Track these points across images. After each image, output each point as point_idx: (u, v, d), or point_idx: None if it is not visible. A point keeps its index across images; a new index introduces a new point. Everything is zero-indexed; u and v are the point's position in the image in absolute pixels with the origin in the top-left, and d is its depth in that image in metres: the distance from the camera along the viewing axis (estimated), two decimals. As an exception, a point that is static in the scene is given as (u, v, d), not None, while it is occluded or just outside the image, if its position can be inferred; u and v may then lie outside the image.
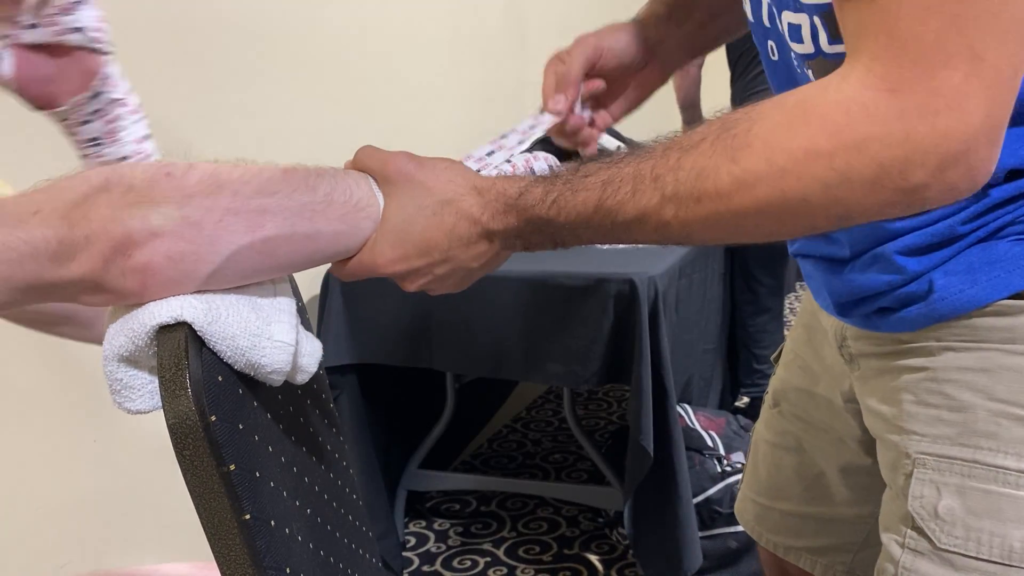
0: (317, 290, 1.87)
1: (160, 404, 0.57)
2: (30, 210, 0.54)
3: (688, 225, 0.62)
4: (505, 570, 2.03)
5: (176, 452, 0.56)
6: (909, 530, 0.73)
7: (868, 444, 0.92)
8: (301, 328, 0.66)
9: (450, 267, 0.69)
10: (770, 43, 0.78)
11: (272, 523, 0.59)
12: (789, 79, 0.75)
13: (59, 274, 0.55)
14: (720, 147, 0.60)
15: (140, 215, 0.55)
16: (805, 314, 1.02)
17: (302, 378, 0.66)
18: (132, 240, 0.55)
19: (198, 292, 0.59)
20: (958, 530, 0.69)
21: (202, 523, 0.57)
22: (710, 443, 1.92)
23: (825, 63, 0.68)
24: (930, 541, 0.71)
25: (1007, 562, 0.68)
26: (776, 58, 0.78)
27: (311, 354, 0.67)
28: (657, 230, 0.63)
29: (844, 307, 0.80)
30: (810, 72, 0.71)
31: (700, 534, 1.69)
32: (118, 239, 0.55)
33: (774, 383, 1.07)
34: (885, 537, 0.76)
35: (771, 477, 1.05)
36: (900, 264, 0.73)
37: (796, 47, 0.71)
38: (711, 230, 0.62)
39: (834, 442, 0.98)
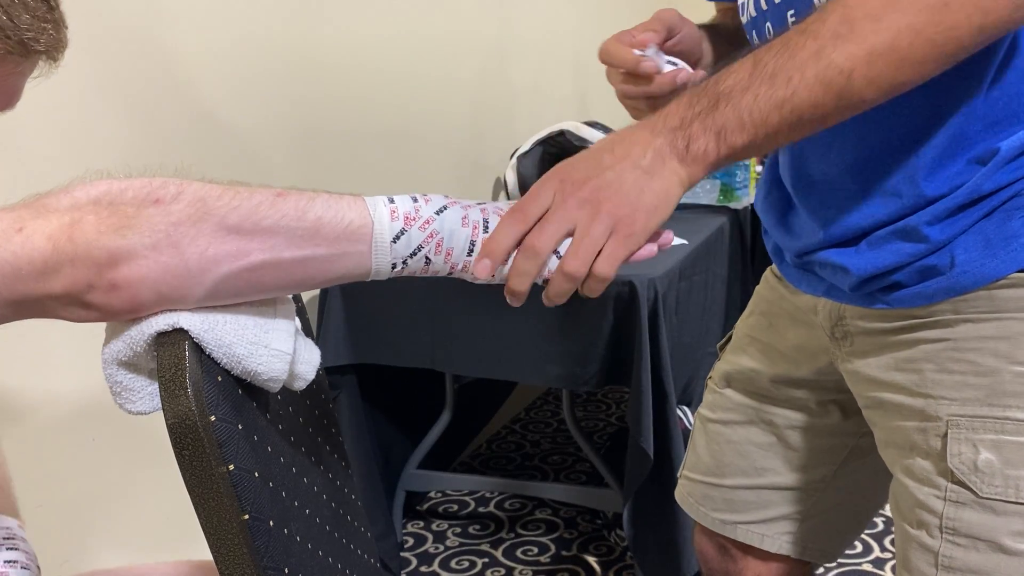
0: (317, 291, 1.87)
1: (160, 405, 0.57)
2: (15, 227, 0.54)
3: (848, 54, 0.65)
4: (503, 571, 2.03)
5: (175, 452, 0.56)
6: (950, 484, 0.79)
7: (837, 403, 1.00)
8: (300, 335, 0.66)
9: (614, 168, 0.68)
10: (767, 26, 0.85)
11: (271, 523, 0.59)
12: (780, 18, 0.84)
13: (43, 290, 0.55)
14: None
15: (124, 242, 0.55)
16: (763, 303, 1.06)
17: (299, 385, 0.66)
18: (114, 265, 0.55)
19: None
20: (997, 480, 0.76)
21: (201, 523, 0.57)
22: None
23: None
24: (973, 492, 0.77)
25: None
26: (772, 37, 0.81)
27: (309, 362, 0.67)
28: (817, 73, 0.66)
29: (861, 284, 0.84)
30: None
31: (698, 536, 1.69)
32: (101, 263, 0.55)
33: (722, 367, 1.10)
34: (922, 493, 0.81)
35: (717, 455, 1.09)
36: (925, 234, 0.78)
37: None
38: (871, 61, 0.65)
39: (793, 407, 1.03)
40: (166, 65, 1.53)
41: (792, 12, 0.82)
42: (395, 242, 0.63)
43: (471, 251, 0.67)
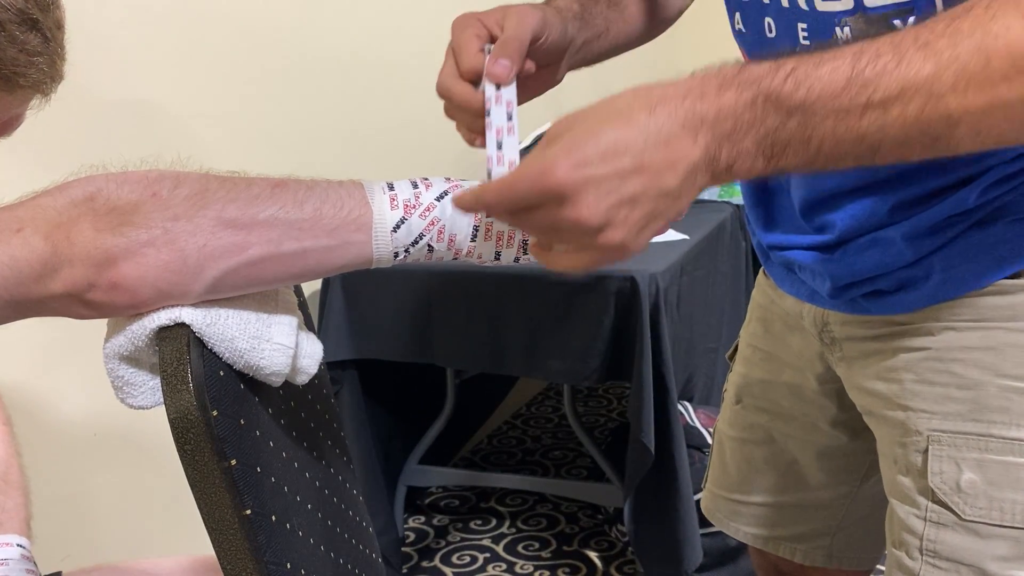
0: (318, 285, 1.87)
1: (162, 400, 0.57)
2: (13, 228, 0.54)
3: (966, 100, 0.53)
4: (504, 566, 2.03)
5: (177, 447, 0.56)
6: (931, 503, 0.75)
7: (844, 424, 0.96)
8: (302, 329, 0.66)
9: (643, 182, 0.54)
10: (767, 20, 0.78)
11: (273, 518, 0.59)
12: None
13: (44, 292, 0.55)
14: (1002, 9, 0.52)
15: (123, 239, 0.54)
16: (758, 309, 1.03)
17: (302, 379, 0.66)
18: (114, 264, 0.55)
19: None
20: (981, 501, 0.72)
21: (203, 518, 0.57)
22: (710, 441, 1.92)
23: (867, 19, 0.68)
24: (955, 514, 0.73)
25: None
26: (774, 35, 0.77)
27: (311, 356, 0.66)
28: (923, 110, 0.53)
29: (838, 291, 0.81)
30: (846, 30, 0.69)
31: (700, 531, 1.69)
32: (100, 263, 0.54)
33: (734, 380, 1.07)
34: (902, 511, 0.77)
35: (741, 472, 1.06)
36: (903, 246, 0.74)
37: (828, 5, 0.69)
38: (990, 112, 0.53)
39: (806, 428, 0.99)
40: (161, 63, 1.53)
41: (804, 28, 0.73)
42: (395, 231, 0.62)
43: (474, 236, 0.65)
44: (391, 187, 0.64)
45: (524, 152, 2.08)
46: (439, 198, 0.64)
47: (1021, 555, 0.71)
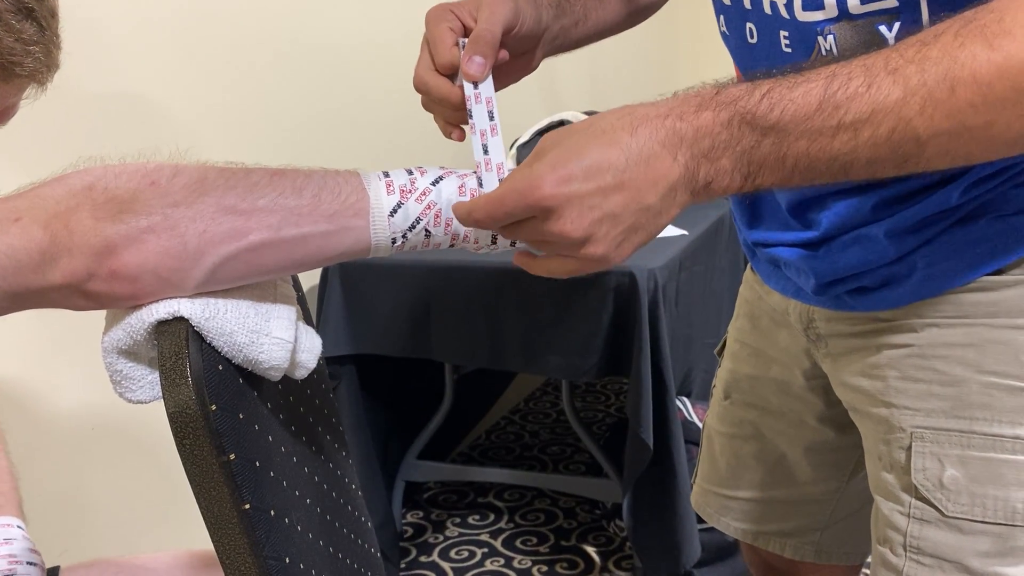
0: (316, 280, 1.87)
1: (160, 394, 0.57)
2: (11, 217, 0.54)
3: (933, 124, 0.55)
4: (502, 561, 2.03)
5: (176, 441, 0.56)
6: (914, 500, 0.75)
7: (831, 419, 0.96)
8: (301, 323, 0.66)
9: (624, 199, 0.57)
10: (748, 26, 0.78)
11: (272, 513, 0.59)
12: (770, 58, 0.76)
13: (42, 282, 0.54)
14: (970, 37, 0.54)
15: (123, 227, 0.54)
16: (746, 304, 1.03)
17: (301, 374, 0.66)
18: (114, 254, 0.54)
19: None
20: (963, 497, 0.73)
21: (202, 512, 0.57)
22: (708, 436, 1.92)
23: (852, 25, 0.68)
24: (937, 510, 0.74)
25: (1011, 522, 0.72)
26: (755, 40, 0.77)
27: (310, 350, 0.66)
28: (892, 132, 0.55)
29: (823, 288, 0.81)
30: (830, 39, 0.70)
31: (698, 527, 1.70)
32: (99, 252, 0.54)
33: (722, 375, 1.08)
34: (886, 507, 0.78)
35: (730, 467, 1.06)
36: (886, 243, 0.74)
37: (809, 15, 0.70)
38: (957, 135, 0.55)
39: (793, 424, 1.00)
40: (164, 62, 1.53)
41: (786, 36, 0.74)
42: (392, 215, 0.63)
43: None
44: (386, 174, 0.64)
45: (524, 148, 2.08)
46: (434, 183, 0.65)
47: (1002, 551, 0.72)
